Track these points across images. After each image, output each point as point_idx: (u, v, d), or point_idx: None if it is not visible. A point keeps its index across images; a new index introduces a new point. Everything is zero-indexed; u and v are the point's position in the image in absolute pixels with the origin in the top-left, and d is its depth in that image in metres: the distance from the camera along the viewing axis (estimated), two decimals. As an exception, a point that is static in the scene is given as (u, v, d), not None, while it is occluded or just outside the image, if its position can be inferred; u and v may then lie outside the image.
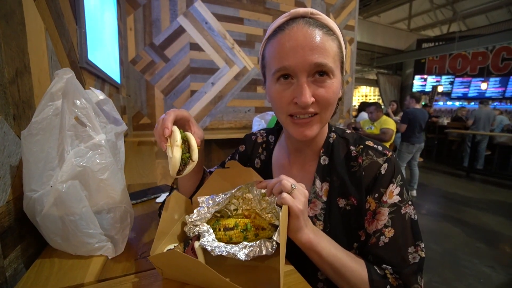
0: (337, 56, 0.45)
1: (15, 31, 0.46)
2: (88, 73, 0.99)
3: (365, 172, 0.49)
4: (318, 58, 0.42)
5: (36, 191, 0.41)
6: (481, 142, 4.68)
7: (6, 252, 0.39)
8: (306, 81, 0.43)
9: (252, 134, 0.70)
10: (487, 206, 3.11)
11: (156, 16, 2.32)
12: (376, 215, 0.48)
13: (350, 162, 0.51)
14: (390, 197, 0.47)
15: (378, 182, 0.48)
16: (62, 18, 0.74)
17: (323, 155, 0.54)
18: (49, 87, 0.41)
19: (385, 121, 2.98)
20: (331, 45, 0.44)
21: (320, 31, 0.43)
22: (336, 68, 0.45)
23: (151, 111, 2.42)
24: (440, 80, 8.30)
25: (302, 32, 0.43)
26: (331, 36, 0.45)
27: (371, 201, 0.48)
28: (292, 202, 0.39)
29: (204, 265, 0.32)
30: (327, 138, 0.55)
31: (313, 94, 0.44)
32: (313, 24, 0.44)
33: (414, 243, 0.46)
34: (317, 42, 0.42)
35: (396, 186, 0.48)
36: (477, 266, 1.93)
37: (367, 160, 0.50)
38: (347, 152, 0.53)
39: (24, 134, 0.40)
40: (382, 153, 0.50)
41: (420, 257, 0.45)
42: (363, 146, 0.52)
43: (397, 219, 0.46)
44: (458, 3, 7.34)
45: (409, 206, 0.47)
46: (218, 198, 0.49)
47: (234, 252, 0.40)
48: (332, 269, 0.43)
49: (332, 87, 0.44)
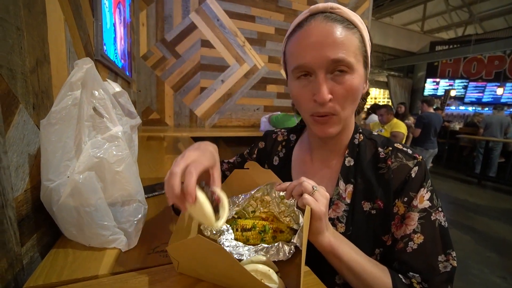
0: (359, 50, 0.43)
1: (36, 20, 0.46)
2: (103, 66, 1.00)
3: (394, 175, 0.47)
4: (336, 54, 0.41)
5: (53, 181, 0.41)
6: (494, 149, 4.54)
7: (23, 240, 0.39)
8: (324, 78, 0.42)
9: (273, 132, 0.69)
10: (499, 215, 3.02)
11: (168, 12, 2.33)
12: (405, 219, 0.46)
13: (378, 164, 0.49)
14: (420, 202, 0.45)
15: (408, 186, 0.46)
16: (80, 10, 0.74)
17: (347, 156, 0.52)
18: (69, 76, 0.41)
19: (395, 124, 2.92)
20: (351, 39, 0.42)
21: (340, 26, 0.42)
22: (357, 62, 0.43)
23: (160, 106, 2.44)
24: (453, 84, 8.08)
25: (320, 28, 0.42)
26: (352, 30, 0.43)
27: (399, 205, 0.46)
28: (314, 203, 0.37)
29: (227, 253, 0.31)
30: (352, 139, 0.53)
31: (331, 91, 0.42)
32: (332, 18, 0.42)
33: (444, 251, 0.43)
34: (335, 37, 0.41)
35: (426, 191, 0.46)
36: (488, 275, 1.87)
37: (397, 162, 0.48)
38: (374, 153, 0.51)
39: (43, 123, 0.40)
40: (412, 156, 0.48)
41: (452, 266, 0.43)
42: (392, 148, 0.50)
43: (427, 225, 0.44)
44: (475, 5, 7.12)
45: (439, 212, 0.45)
46: (238, 200, 0.48)
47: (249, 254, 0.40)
48: (353, 275, 0.41)
49: (352, 83, 0.43)
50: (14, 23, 0.38)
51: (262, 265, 0.36)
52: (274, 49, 2.75)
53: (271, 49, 2.75)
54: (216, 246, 0.31)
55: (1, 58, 0.34)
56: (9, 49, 0.37)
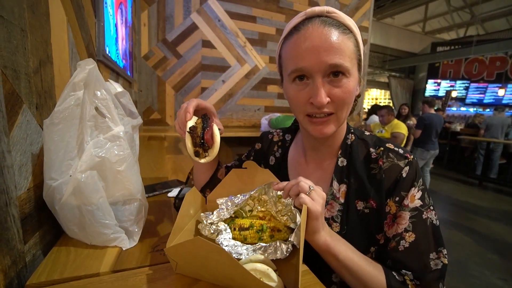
0: (354, 54, 0.45)
1: (40, 21, 0.47)
2: (104, 66, 1.01)
3: (385, 175, 0.48)
4: (334, 59, 0.42)
5: (56, 179, 0.41)
6: (495, 150, 4.53)
7: (26, 238, 0.39)
8: (322, 82, 0.43)
9: (269, 133, 0.70)
10: (501, 216, 3.01)
11: (169, 13, 2.34)
12: (397, 218, 0.47)
13: (370, 164, 0.50)
14: (411, 201, 0.46)
15: (399, 185, 0.47)
16: (83, 11, 0.75)
17: (340, 156, 0.53)
18: (72, 77, 0.41)
19: (396, 125, 2.92)
20: (347, 44, 0.43)
21: (336, 31, 0.43)
22: (352, 66, 0.44)
23: (161, 106, 2.45)
24: (454, 85, 8.07)
25: (318, 33, 0.43)
26: (348, 35, 0.44)
27: (391, 204, 0.47)
28: (311, 203, 0.38)
29: (227, 253, 0.31)
30: (345, 139, 0.54)
31: (328, 94, 0.44)
32: (329, 23, 0.43)
33: (436, 249, 0.44)
34: (332, 42, 0.42)
35: (418, 190, 0.47)
36: (488, 277, 1.87)
37: (388, 162, 0.49)
38: (366, 154, 0.52)
39: (47, 123, 0.40)
40: (403, 156, 0.49)
41: (443, 263, 0.44)
42: (383, 148, 0.51)
43: (419, 223, 0.45)
44: (477, 5, 7.10)
45: (430, 211, 0.46)
46: (236, 200, 0.49)
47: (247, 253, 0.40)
48: (349, 273, 0.42)
49: (349, 86, 0.44)
50: (18, 24, 0.39)
51: (261, 264, 0.36)
52: (275, 50, 2.71)
53: (272, 50, 2.76)
54: (215, 247, 0.31)
55: (5, 59, 0.35)
56: (14, 50, 0.37)
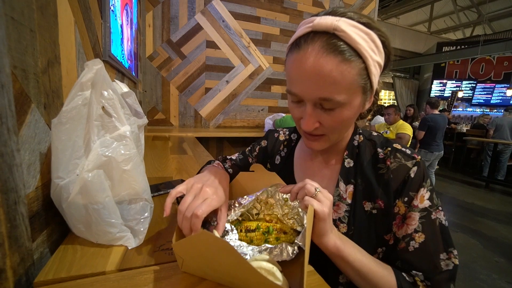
0: (356, 81, 0.40)
1: (48, 22, 0.48)
2: (110, 67, 1.02)
3: (393, 175, 0.48)
4: (324, 93, 0.39)
5: (63, 178, 0.42)
6: (504, 152, 4.44)
7: (34, 236, 0.40)
8: (312, 108, 0.42)
9: (275, 131, 0.70)
10: (508, 219, 2.96)
11: (174, 13, 2.35)
12: (406, 219, 0.46)
13: (378, 164, 0.50)
14: (421, 202, 0.46)
15: (408, 186, 0.46)
16: (90, 12, 0.76)
17: (347, 157, 0.52)
18: (80, 77, 0.42)
19: (401, 126, 2.89)
20: (346, 75, 0.38)
21: (337, 58, 0.38)
22: (351, 95, 0.40)
23: (166, 106, 2.46)
24: (460, 85, 7.96)
25: (313, 60, 0.38)
26: (352, 62, 0.38)
27: (400, 205, 0.47)
28: (317, 204, 0.38)
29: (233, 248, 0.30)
30: (351, 140, 0.53)
31: (319, 119, 0.43)
32: (331, 48, 0.38)
33: (446, 249, 0.44)
34: (326, 74, 0.38)
35: (426, 191, 0.46)
36: (496, 281, 1.84)
37: (395, 163, 0.48)
38: (374, 154, 0.51)
39: (54, 122, 0.41)
40: (410, 157, 0.48)
41: (454, 264, 0.43)
42: (390, 148, 0.50)
43: (428, 224, 0.45)
44: (484, 5, 7.00)
45: (439, 211, 0.46)
46: (243, 201, 0.49)
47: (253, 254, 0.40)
48: (358, 275, 0.42)
49: (341, 115, 0.42)
50: (28, 25, 0.39)
51: (266, 262, 0.36)
52: (279, 50, 2.75)
53: (276, 50, 2.76)
54: (221, 241, 0.31)
55: (15, 59, 0.36)
56: (23, 50, 0.38)
